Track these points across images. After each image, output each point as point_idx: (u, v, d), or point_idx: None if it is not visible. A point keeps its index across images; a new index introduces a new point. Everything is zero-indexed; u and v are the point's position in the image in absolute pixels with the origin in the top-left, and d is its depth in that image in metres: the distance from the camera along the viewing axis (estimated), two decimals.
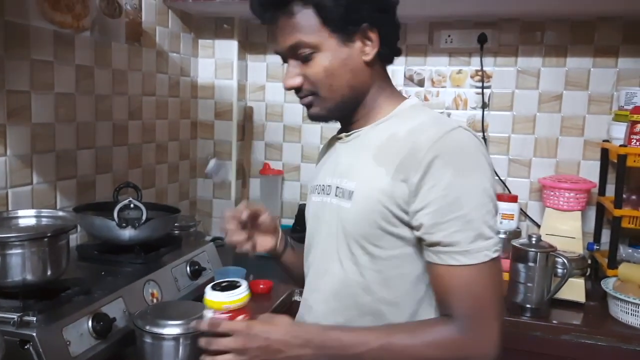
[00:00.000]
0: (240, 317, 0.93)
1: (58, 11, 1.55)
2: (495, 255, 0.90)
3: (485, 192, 0.90)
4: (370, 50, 0.99)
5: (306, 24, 0.97)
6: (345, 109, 1.05)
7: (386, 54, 1.03)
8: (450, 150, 0.91)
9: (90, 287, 1.27)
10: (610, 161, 2.02)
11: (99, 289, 1.28)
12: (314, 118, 1.06)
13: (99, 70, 1.73)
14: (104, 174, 1.81)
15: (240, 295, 0.94)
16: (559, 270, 1.72)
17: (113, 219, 1.47)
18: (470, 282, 0.89)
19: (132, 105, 1.92)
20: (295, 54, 1.00)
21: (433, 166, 0.90)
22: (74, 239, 1.65)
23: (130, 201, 1.51)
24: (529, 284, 1.65)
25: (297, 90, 1.04)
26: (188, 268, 1.58)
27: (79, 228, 1.66)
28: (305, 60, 0.99)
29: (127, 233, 1.49)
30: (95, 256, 1.53)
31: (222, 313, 0.93)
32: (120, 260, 1.51)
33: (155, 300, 1.39)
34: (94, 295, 1.24)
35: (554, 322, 1.63)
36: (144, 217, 1.50)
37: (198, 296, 1.56)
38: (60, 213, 1.35)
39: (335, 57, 0.98)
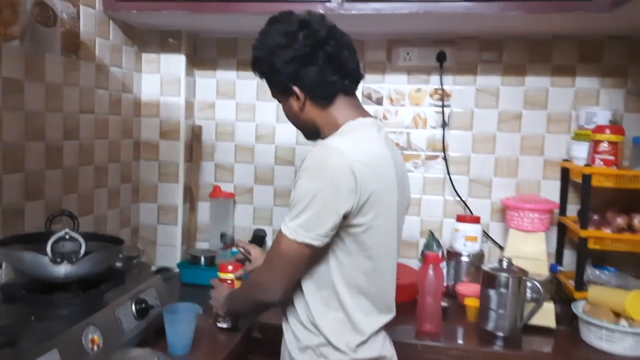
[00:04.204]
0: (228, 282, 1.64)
1: None
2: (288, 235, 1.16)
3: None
4: (299, 100, 1.26)
5: (269, 86, 1.33)
6: (311, 135, 1.35)
7: (318, 96, 1.25)
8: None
9: (18, 336, 1.08)
10: (571, 181, 2.00)
11: (29, 338, 1.09)
12: None
13: (29, 85, 1.55)
14: (35, 201, 1.60)
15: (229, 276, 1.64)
16: (528, 295, 1.66)
17: (46, 254, 1.29)
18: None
19: (67, 124, 1.73)
20: None
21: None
22: None
23: (66, 233, 1.32)
24: (500, 311, 1.58)
25: None
26: (134, 307, 1.41)
27: (4, 264, 1.45)
28: None
29: (63, 269, 1.31)
30: (23, 297, 1.33)
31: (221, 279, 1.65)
32: (55, 300, 1.32)
33: (96, 348, 1.21)
34: (23, 347, 1.06)
35: (527, 350, 1.57)
36: (82, 251, 1.32)
37: (144, 339, 1.40)
38: None
39: (285, 106, 1.33)
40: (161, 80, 2.18)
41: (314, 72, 1.22)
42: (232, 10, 1.81)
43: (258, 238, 2.00)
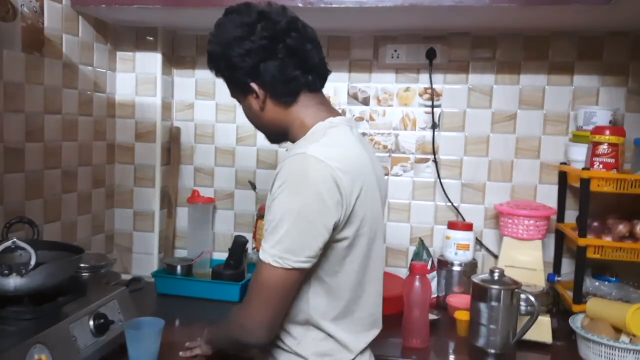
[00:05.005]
0: None
1: None
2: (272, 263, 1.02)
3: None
4: (259, 99, 1.16)
5: (227, 84, 1.23)
6: (276, 138, 1.26)
7: (279, 94, 1.15)
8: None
9: None
10: (569, 185, 1.89)
11: None
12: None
13: None
14: None
15: None
16: (522, 308, 1.54)
17: None
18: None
19: (30, 125, 1.62)
20: None
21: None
22: None
23: (13, 242, 1.22)
24: (492, 326, 1.47)
25: None
26: (92, 322, 1.29)
27: None
28: None
29: (12, 282, 1.21)
30: None
31: None
32: (3, 315, 1.21)
33: None
34: None
35: None
36: (32, 262, 1.21)
37: (103, 357, 1.29)
38: None
39: (245, 106, 1.23)
40: (136, 79, 2.07)
41: (274, 66, 1.12)
42: (210, 5, 1.70)
43: (239, 244, 1.89)
